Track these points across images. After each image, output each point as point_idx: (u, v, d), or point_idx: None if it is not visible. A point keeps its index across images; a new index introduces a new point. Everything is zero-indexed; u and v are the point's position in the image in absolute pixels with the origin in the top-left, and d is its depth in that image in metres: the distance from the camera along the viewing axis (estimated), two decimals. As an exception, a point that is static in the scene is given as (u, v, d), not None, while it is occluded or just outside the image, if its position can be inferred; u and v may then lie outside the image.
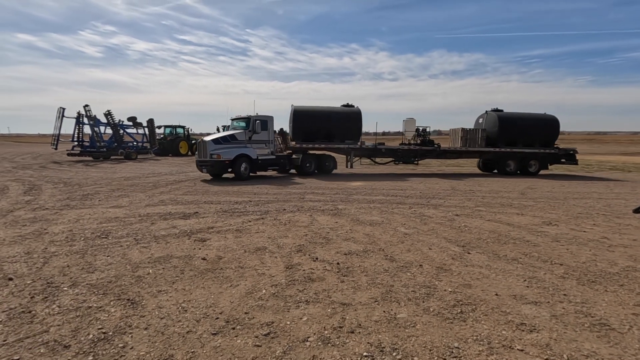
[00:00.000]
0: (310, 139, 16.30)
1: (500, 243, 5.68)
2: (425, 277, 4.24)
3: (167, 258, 4.78)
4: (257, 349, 2.75)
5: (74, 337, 2.86)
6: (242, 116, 14.95)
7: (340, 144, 16.63)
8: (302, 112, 16.48)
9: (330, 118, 16.63)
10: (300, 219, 7.27)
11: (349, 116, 16.89)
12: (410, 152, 17.49)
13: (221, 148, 13.63)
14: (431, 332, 3.02)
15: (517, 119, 17.65)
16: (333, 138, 16.57)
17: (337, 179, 14.80)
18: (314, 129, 16.36)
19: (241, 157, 13.74)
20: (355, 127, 16.76)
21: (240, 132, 14.22)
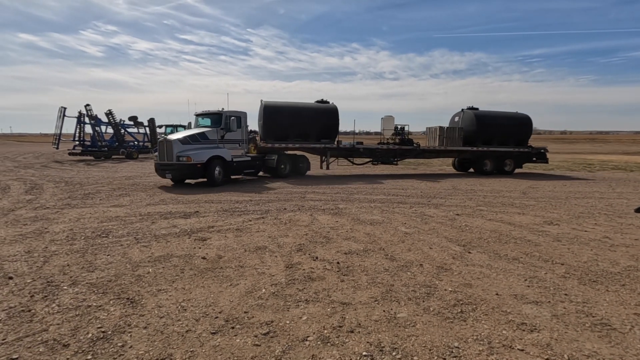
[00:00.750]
0: (282, 138, 14.78)
1: (502, 242, 5.66)
2: (426, 276, 4.22)
3: (167, 257, 4.78)
4: (256, 348, 2.74)
5: (74, 336, 2.86)
6: (210, 111, 13.05)
7: (316, 144, 15.19)
8: (273, 109, 14.76)
9: (304, 115, 15.06)
10: (300, 218, 7.26)
11: (325, 113, 15.48)
12: (389, 152, 16.49)
13: (191, 149, 11.53)
14: (431, 331, 3.01)
15: (494, 118, 17.47)
16: (308, 137, 15.12)
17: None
18: (286, 127, 14.75)
19: (215, 159, 11.70)
20: (331, 125, 15.46)
21: (212, 131, 12.24)
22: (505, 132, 17.28)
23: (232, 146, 12.67)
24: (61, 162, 22.15)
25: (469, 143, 16.94)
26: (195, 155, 11.36)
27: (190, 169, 11.28)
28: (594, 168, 20.97)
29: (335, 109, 15.68)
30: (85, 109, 25.26)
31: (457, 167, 18.67)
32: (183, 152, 11.34)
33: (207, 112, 13.16)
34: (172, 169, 11.38)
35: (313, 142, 15.19)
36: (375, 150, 16.18)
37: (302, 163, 15.32)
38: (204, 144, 11.92)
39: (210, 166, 11.55)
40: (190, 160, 11.23)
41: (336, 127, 15.55)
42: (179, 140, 11.53)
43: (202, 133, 12.09)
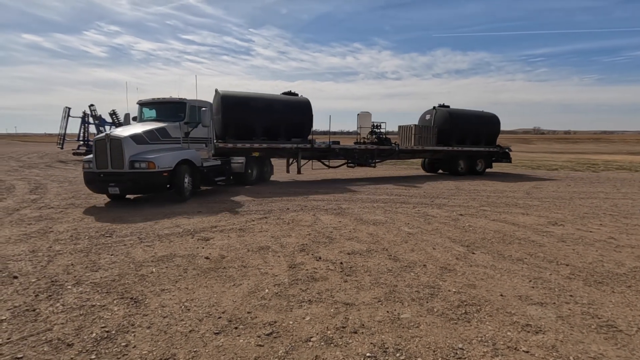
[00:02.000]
0: (246, 137, 12.31)
1: (505, 243, 5.63)
2: (429, 277, 4.20)
3: (170, 257, 4.78)
4: (259, 348, 2.74)
5: (77, 335, 2.87)
6: (164, 99, 9.76)
7: (287, 143, 12.93)
8: (233, 100, 12.07)
9: (272, 109, 12.65)
10: (303, 218, 7.26)
11: (297, 108, 13.27)
12: (367, 153, 14.78)
13: (149, 150, 8.46)
14: (435, 332, 2.99)
15: (467, 117, 16.96)
16: (276, 135, 12.86)
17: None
18: (251, 123, 12.35)
19: (182, 164, 8.75)
20: (304, 122, 13.21)
21: (174, 126, 9.18)
22: (477, 131, 16.90)
23: (198, 146, 9.83)
24: (65, 162, 22.26)
25: (442, 142, 16.23)
26: (159, 160, 8.18)
27: (153, 179, 8.06)
28: (598, 168, 20.83)
29: (308, 103, 13.54)
30: (89, 109, 25.39)
31: (427, 167, 17.89)
32: (140, 156, 8.14)
33: (161, 100, 9.79)
34: (123, 180, 8.00)
35: (283, 141, 12.93)
36: (353, 150, 14.45)
37: (266, 167, 13.21)
38: (164, 144, 8.91)
39: (177, 174, 8.52)
40: (153, 167, 7.99)
41: (309, 123, 13.44)
42: (131, 138, 8.17)
43: (162, 129, 8.89)
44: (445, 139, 16.30)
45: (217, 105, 12.06)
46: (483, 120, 17.28)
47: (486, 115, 17.59)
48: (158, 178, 8.20)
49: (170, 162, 8.49)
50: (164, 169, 8.30)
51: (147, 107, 10.12)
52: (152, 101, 9.95)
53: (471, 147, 16.63)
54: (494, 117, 17.64)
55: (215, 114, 11.96)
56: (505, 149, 17.72)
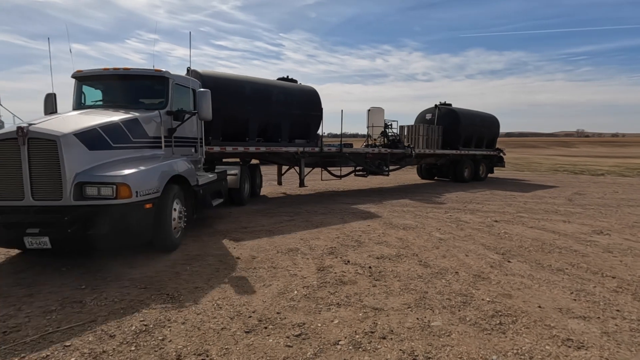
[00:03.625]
0: (236, 137, 8.94)
1: (544, 252, 5.35)
2: (462, 284, 4.08)
3: (203, 256, 4.95)
4: (288, 349, 2.77)
5: (119, 327, 3.04)
6: (127, 70, 5.83)
7: (289, 146, 9.79)
8: (220, 84, 8.33)
9: (271, 99, 9.39)
10: (331, 221, 7.27)
11: (303, 99, 10.16)
12: (380, 158, 12.18)
13: (116, 163, 4.58)
14: (467, 342, 2.90)
15: (473, 117, 15.56)
16: (275, 135, 9.68)
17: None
18: (243, 117, 8.89)
19: (172, 185, 5.06)
20: (312, 118, 10.27)
21: (151, 118, 5.40)
22: (481, 133, 15.72)
23: (186, 151, 6.13)
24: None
25: (446, 144, 14.56)
26: (137, 179, 4.40)
27: (127, 217, 4.30)
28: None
29: (315, 93, 10.51)
30: None
31: (424, 174, 16.01)
32: (97, 173, 4.26)
33: (121, 72, 5.80)
34: (60, 223, 4.04)
35: (284, 143, 9.74)
36: (364, 155, 11.67)
37: (257, 178, 10.37)
38: (137, 148, 5.07)
39: (163, 206, 4.81)
40: (126, 195, 4.23)
41: (318, 120, 10.46)
42: (77, 137, 4.27)
43: (133, 122, 5.07)
44: (451, 141, 14.65)
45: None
46: (486, 122, 16.18)
47: (488, 116, 16.50)
48: (136, 214, 4.31)
49: (157, 182, 4.65)
50: (146, 195, 4.39)
51: (92, 83, 5.98)
52: (105, 74, 5.75)
53: (477, 151, 15.53)
54: (494, 119, 16.78)
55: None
56: (501, 152, 16.79)
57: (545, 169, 21.87)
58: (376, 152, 12.07)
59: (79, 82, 6.03)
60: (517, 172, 20.54)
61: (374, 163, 12.06)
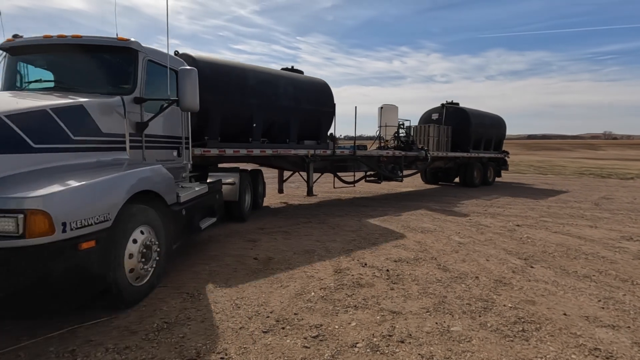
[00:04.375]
0: (236, 137, 7.53)
1: (570, 258, 5.16)
2: (482, 289, 3.98)
3: (221, 256, 5.02)
4: (305, 350, 2.78)
5: (140, 323, 3.12)
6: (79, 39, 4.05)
7: (298, 148, 8.39)
8: (220, 71, 7.08)
9: (277, 91, 7.97)
10: (348, 223, 7.25)
11: (314, 93, 8.78)
12: (393, 161, 11.04)
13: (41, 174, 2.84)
14: (488, 349, 2.83)
15: (482, 117, 14.58)
16: (281, 135, 8.23)
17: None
18: (246, 113, 7.46)
19: (135, 205, 3.37)
20: (323, 115, 8.88)
21: (108, 105, 3.69)
22: (489, 134, 14.79)
23: (163, 155, 4.62)
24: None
25: (455, 146, 13.52)
26: (65, 202, 2.63)
27: (45, 269, 2.52)
28: (685, 178, 18.33)
29: (327, 87, 9.17)
30: None
31: (429, 178, 14.83)
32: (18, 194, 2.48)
33: (68, 40, 4.08)
34: None
35: (293, 144, 8.34)
36: (378, 159, 10.47)
37: (260, 187, 8.65)
38: (80, 150, 3.41)
39: (115, 244, 3.07)
40: (44, 230, 2.46)
41: (330, 118, 9.07)
42: None
43: (76, 109, 3.37)
44: (461, 143, 13.62)
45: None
46: (494, 122, 15.30)
47: (495, 117, 15.68)
48: (62, 263, 2.63)
49: (106, 204, 3.01)
50: (83, 228, 2.74)
51: (31, 58, 4.30)
52: (46, 43, 4.12)
53: (486, 153, 14.61)
54: (501, 119, 16.00)
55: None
56: (507, 154, 16.07)
57: (570, 172, 21.14)
58: (390, 154, 10.95)
59: (11, 56, 4.20)
60: (540, 175, 19.94)
61: (387, 167, 10.96)
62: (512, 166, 25.10)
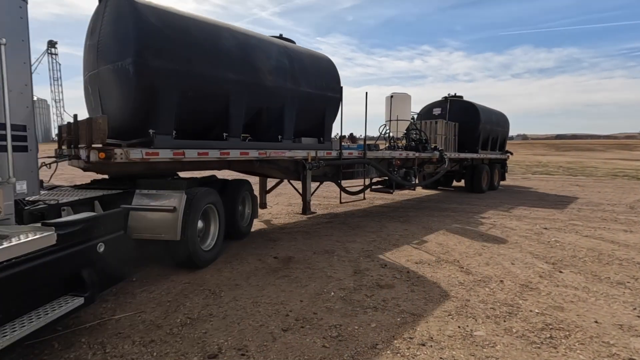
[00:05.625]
0: (204, 131, 5.15)
1: (602, 263, 4.92)
2: (507, 294, 3.86)
3: (242, 255, 5.11)
4: (325, 349, 2.78)
5: (165, 319, 3.22)
6: None
7: (295, 149, 6.02)
8: (175, 28, 4.44)
9: (267, 64, 5.46)
10: (368, 224, 7.20)
11: (317, 68, 6.53)
12: (405, 165, 9.11)
13: None
14: (514, 355, 2.74)
15: (490, 113, 12.98)
16: (273, 130, 5.80)
17: None
18: (218, 97, 4.89)
19: None
20: (328, 105, 6.63)
21: None
22: (496, 132, 13.33)
23: None
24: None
25: (462, 146, 11.93)
26: None
27: None
28: None
29: (332, 64, 6.89)
30: None
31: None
32: None
33: None
34: None
35: (288, 143, 5.93)
36: (391, 161, 8.53)
37: (241, 207, 5.78)
38: None
39: None
40: None
41: (336, 106, 6.80)
42: None
43: None
44: (469, 142, 12.04)
45: (119, 35, 4.24)
46: (500, 120, 13.82)
47: (500, 113, 14.13)
48: None
49: None
50: None
51: None
52: None
53: (493, 154, 13.20)
54: (505, 117, 14.56)
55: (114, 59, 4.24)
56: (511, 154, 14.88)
57: (603, 174, 20.14)
58: (404, 156, 8.95)
59: None
60: (570, 176, 19.12)
61: (400, 172, 8.84)
62: (540, 167, 24.17)
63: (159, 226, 4.03)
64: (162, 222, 4.02)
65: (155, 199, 4.12)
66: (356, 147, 7.83)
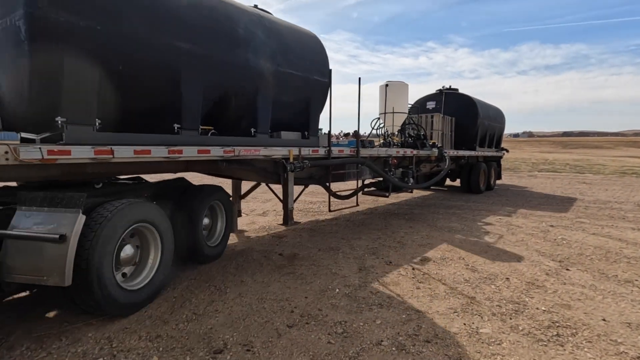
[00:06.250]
0: (148, 121, 3.74)
1: (610, 261, 4.88)
2: (513, 291, 3.84)
3: (248, 251, 5.13)
4: (330, 345, 2.79)
5: (172, 314, 3.24)
6: None
7: (273, 146, 4.74)
8: None
9: (235, 35, 4.17)
10: (373, 221, 7.19)
11: (301, 45, 5.26)
12: (402, 164, 7.95)
13: None
14: (520, 353, 2.72)
15: (488, 108, 12.04)
16: (244, 122, 4.56)
17: None
18: (165, 71, 3.61)
19: None
20: (314, 85, 5.38)
21: None
22: (493, 128, 12.44)
23: None
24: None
25: (459, 143, 11.01)
26: None
27: None
28: None
29: (320, 43, 5.76)
30: None
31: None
32: None
33: None
34: None
35: (264, 138, 4.73)
36: (388, 160, 7.26)
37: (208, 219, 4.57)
38: None
39: None
40: None
41: (324, 92, 5.70)
42: None
43: None
44: (466, 138, 11.12)
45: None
46: (497, 115, 12.96)
47: (496, 108, 13.18)
48: None
49: None
50: None
51: None
52: None
53: (489, 151, 12.28)
54: (502, 112, 13.65)
55: None
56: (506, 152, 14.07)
57: (611, 172, 19.91)
58: (400, 155, 7.67)
59: None
60: (577, 174, 18.93)
61: (397, 173, 7.66)
62: (547, 165, 23.98)
63: (39, 265, 2.64)
64: (43, 258, 2.62)
65: (41, 221, 2.71)
66: (347, 143, 6.78)
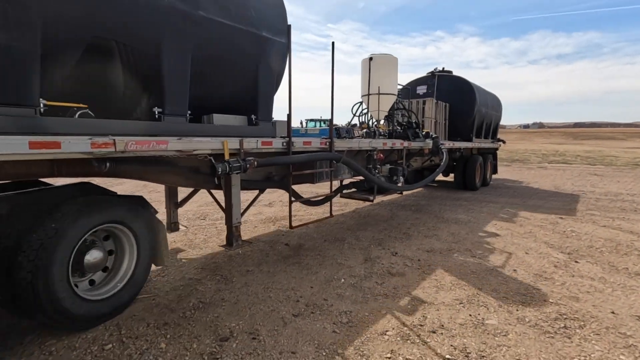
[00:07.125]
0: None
1: (620, 254, 4.80)
2: (520, 283, 3.81)
3: (254, 241, 5.16)
4: (335, 335, 2.80)
5: (179, 303, 3.28)
6: None
7: (193, 137, 3.05)
8: None
9: None
10: (380, 212, 7.16)
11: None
12: (390, 159, 6.54)
13: None
14: (526, 344, 2.71)
15: (485, 94, 10.73)
16: (146, 97, 3.10)
17: None
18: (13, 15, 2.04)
19: None
20: (265, 46, 3.84)
21: None
22: (490, 117, 11.11)
23: None
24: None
25: (454, 133, 9.77)
26: None
27: None
28: None
29: None
30: None
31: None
32: None
33: None
34: None
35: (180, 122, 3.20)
36: (372, 154, 5.69)
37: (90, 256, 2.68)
38: None
39: None
40: None
41: (281, 60, 4.20)
42: None
43: None
44: (462, 128, 9.86)
45: None
46: (494, 102, 11.58)
47: (493, 95, 11.77)
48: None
49: None
50: None
51: None
52: None
53: (486, 142, 11.13)
54: (499, 99, 12.16)
55: None
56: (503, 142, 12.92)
57: (623, 163, 19.52)
58: (389, 146, 6.10)
59: None
60: (589, 166, 18.60)
61: (383, 169, 6.02)
62: (557, 156, 23.62)
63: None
64: None
65: None
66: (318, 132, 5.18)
